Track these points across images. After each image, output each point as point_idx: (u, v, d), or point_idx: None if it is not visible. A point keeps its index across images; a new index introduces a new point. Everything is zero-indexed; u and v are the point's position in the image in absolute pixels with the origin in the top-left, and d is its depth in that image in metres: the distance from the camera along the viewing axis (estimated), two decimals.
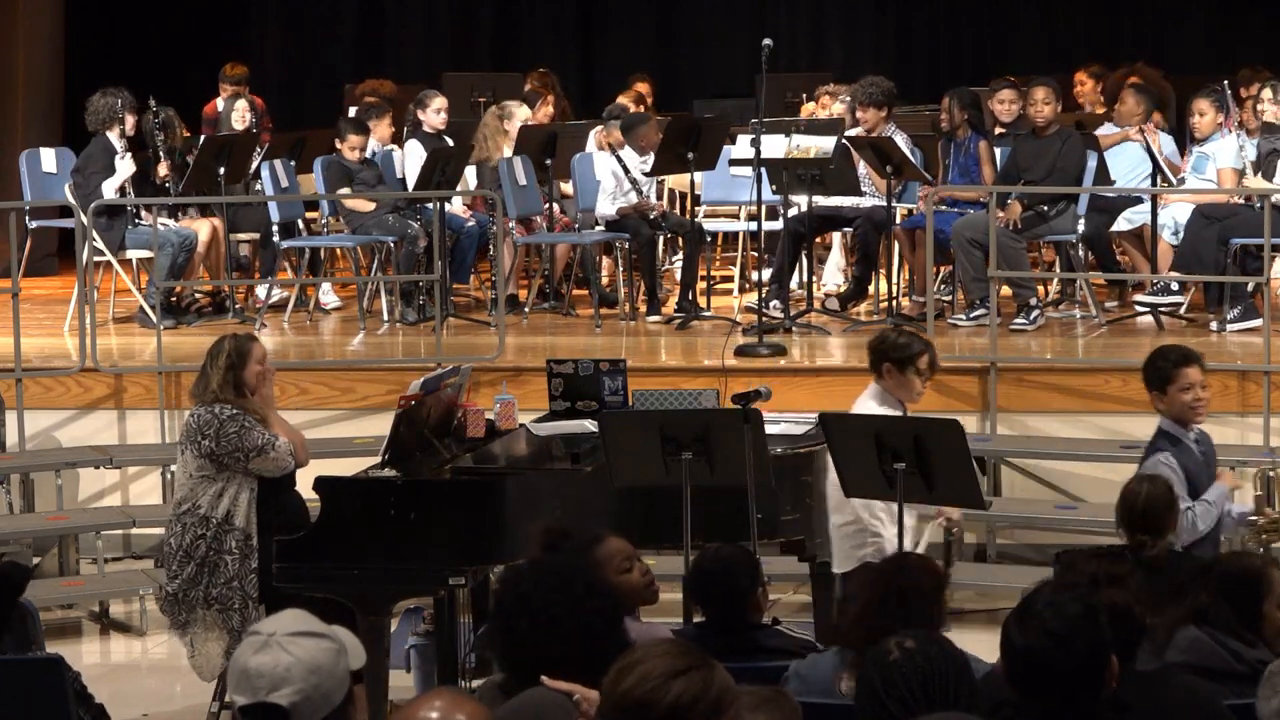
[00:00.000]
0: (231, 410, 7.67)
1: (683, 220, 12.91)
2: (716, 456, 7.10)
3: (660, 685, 3.77)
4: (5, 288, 11.17)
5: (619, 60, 18.28)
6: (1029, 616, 4.33)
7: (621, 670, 3.82)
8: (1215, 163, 11.84)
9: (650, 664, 3.82)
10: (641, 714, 3.76)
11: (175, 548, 7.66)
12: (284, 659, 3.56)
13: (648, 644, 3.91)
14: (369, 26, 19.43)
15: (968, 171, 12.33)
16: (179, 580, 7.62)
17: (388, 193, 12.63)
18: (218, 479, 7.64)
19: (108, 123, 12.24)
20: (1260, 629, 5.45)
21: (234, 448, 7.60)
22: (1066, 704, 4.28)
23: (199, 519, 7.61)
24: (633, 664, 3.82)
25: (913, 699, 4.19)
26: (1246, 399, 10.14)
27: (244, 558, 7.59)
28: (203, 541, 7.59)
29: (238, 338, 7.95)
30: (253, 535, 7.61)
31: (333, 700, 3.59)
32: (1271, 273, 10.85)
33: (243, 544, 7.59)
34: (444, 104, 13.39)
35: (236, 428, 7.63)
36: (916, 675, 4.22)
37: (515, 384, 9.74)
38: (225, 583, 7.57)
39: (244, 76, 15.09)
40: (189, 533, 7.61)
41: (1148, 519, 6.46)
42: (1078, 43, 18.45)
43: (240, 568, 7.58)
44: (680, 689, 3.78)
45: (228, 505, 7.62)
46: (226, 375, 7.76)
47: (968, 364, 10.60)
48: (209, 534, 7.59)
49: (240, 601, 7.55)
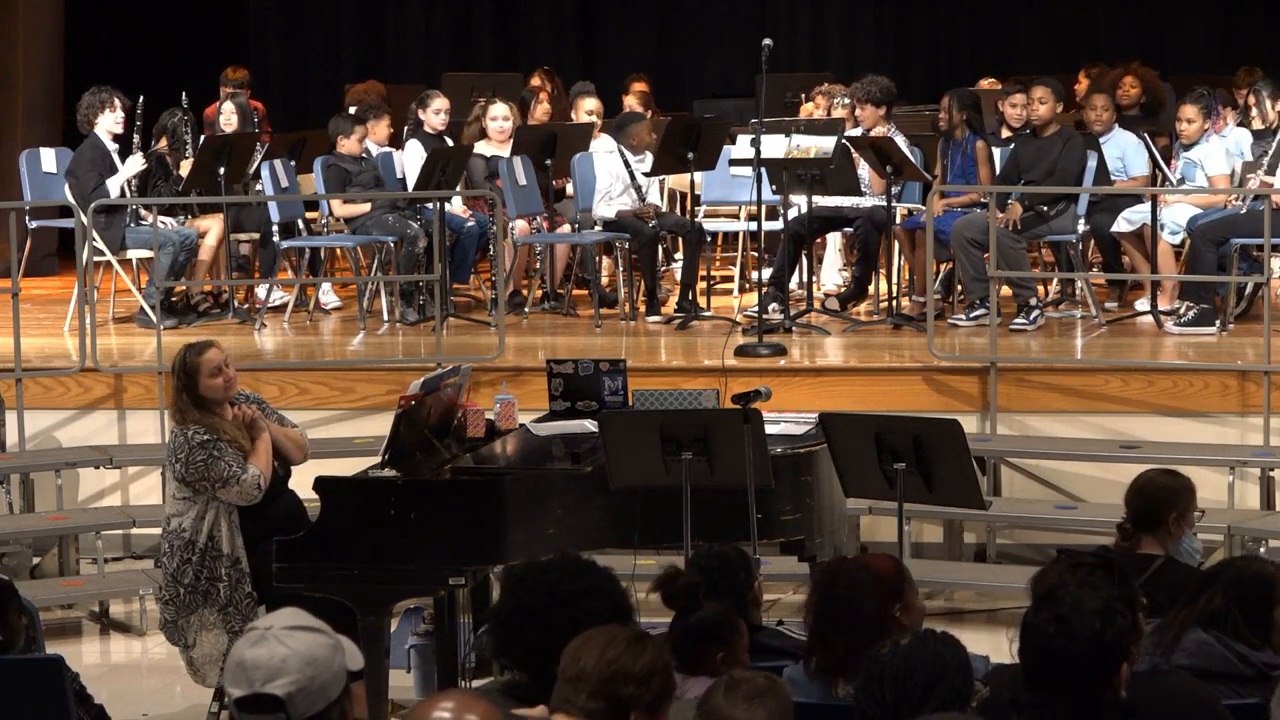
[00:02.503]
0: (203, 436, 7.50)
1: (682, 220, 12.92)
2: (716, 456, 7.11)
3: (628, 652, 3.82)
4: (5, 288, 11.17)
5: (619, 60, 18.27)
6: (1047, 602, 4.35)
7: (581, 649, 3.85)
8: (1205, 170, 11.83)
9: (607, 638, 3.87)
10: (615, 683, 3.79)
11: (166, 570, 7.64)
12: (280, 650, 3.58)
13: (591, 631, 3.95)
14: (369, 26, 19.43)
15: (965, 172, 12.33)
16: (172, 607, 7.58)
17: (388, 193, 12.63)
18: (196, 501, 7.54)
19: (91, 121, 12.24)
20: (1269, 635, 5.44)
21: (200, 476, 7.48)
22: (1076, 699, 4.29)
23: (184, 543, 7.51)
24: (589, 642, 3.86)
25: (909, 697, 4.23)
26: (1246, 399, 10.15)
27: (236, 584, 7.51)
28: (189, 566, 7.50)
29: (187, 350, 7.68)
30: (241, 559, 7.52)
31: (329, 694, 3.60)
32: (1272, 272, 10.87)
33: (231, 569, 7.51)
34: (445, 105, 13.39)
35: (204, 456, 7.47)
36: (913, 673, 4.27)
37: (515, 384, 9.74)
38: (220, 609, 7.53)
39: (245, 80, 15.10)
40: (175, 556, 7.55)
41: (1146, 502, 6.35)
42: (1078, 43, 18.45)
43: (234, 594, 7.52)
44: (651, 657, 3.83)
45: (209, 529, 7.50)
46: (180, 397, 7.61)
47: (968, 364, 10.60)
48: (194, 559, 7.49)
49: (239, 624, 7.49)
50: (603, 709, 3.90)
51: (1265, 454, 9.87)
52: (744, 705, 4.15)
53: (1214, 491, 9.76)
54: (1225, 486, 9.76)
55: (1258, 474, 9.83)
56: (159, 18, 17.75)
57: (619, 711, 3.92)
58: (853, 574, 5.25)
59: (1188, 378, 10.31)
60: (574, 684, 3.91)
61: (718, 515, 7.16)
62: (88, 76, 13.44)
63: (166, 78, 13.74)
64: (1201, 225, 11.42)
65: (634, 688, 3.92)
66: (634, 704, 3.93)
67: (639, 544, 7.46)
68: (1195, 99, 12.03)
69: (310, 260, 12.85)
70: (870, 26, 19.46)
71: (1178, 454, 9.92)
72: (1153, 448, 9.93)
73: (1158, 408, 10.26)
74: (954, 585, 9.63)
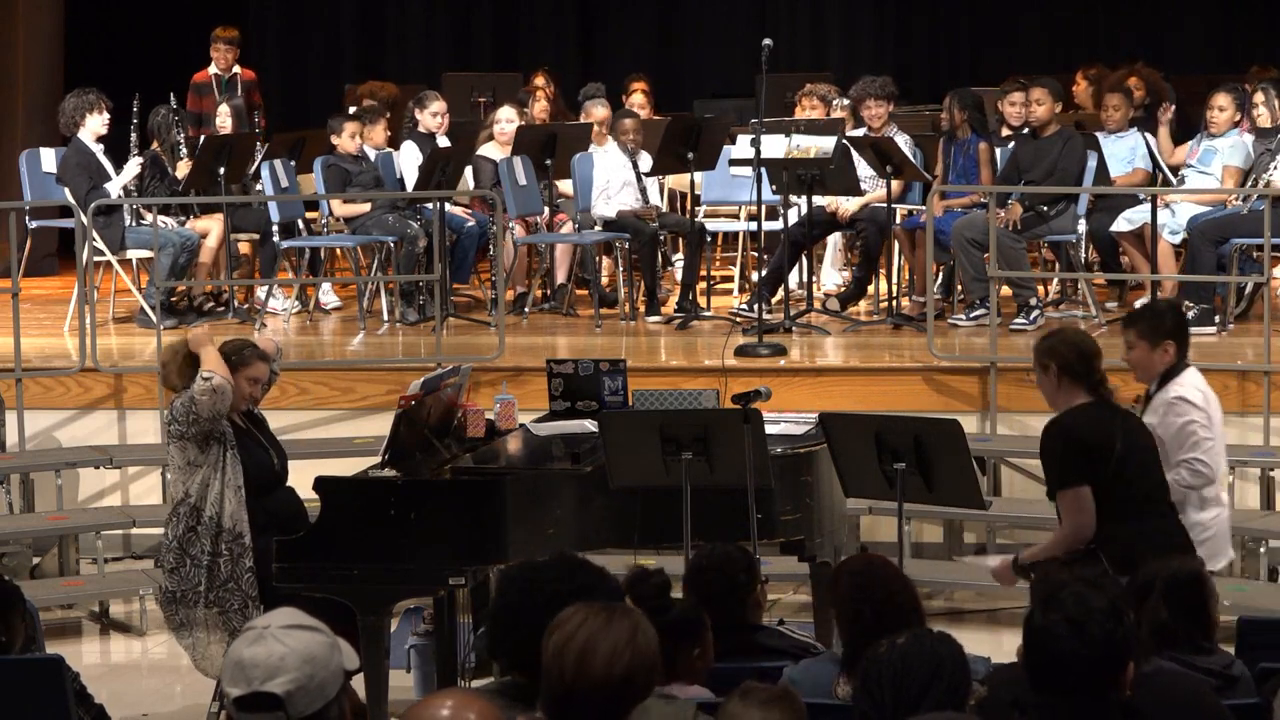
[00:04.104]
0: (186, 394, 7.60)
1: (682, 220, 12.92)
2: (716, 456, 7.11)
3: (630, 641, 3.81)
4: (5, 288, 11.18)
5: (619, 60, 18.27)
6: (1053, 604, 4.35)
7: (566, 633, 3.81)
8: (1222, 158, 11.82)
9: (592, 619, 3.85)
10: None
11: (170, 539, 7.63)
12: (278, 649, 3.58)
13: (568, 612, 3.92)
14: (369, 26, 19.43)
15: (967, 173, 12.33)
16: (175, 576, 7.57)
17: (388, 193, 12.63)
18: (201, 464, 7.54)
19: (75, 124, 12.24)
20: (1211, 631, 5.42)
21: (183, 413, 7.49)
22: (1082, 698, 4.28)
23: (190, 509, 7.51)
24: (569, 623, 3.83)
25: (908, 697, 4.24)
26: (1246, 399, 10.15)
27: (237, 559, 7.51)
28: (194, 535, 7.51)
29: (246, 345, 7.83)
30: (244, 535, 7.50)
31: (327, 693, 3.60)
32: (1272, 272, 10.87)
33: (233, 545, 7.50)
34: (443, 108, 13.39)
35: (184, 399, 7.51)
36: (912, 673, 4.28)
37: (515, 384, 9.74)
38: (222, 585, 7.51)
39: (236, 39, 15.08)
40: (181, 523, 7.55)
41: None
42: (1078, 43, 18.44)
43: (235, 569, 7.51)
44: (648, 637, 3.83)
45: (215, 500, 7.52)
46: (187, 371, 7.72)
47: (968, 364, 10.60)
48: (200, 525, 7.49)
49: (240, 602, 7.50)
50: None
51: (1265, 454, 9.88)
52: (759, 710, 4.16)
53: None
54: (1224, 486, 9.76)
55: (1258, 474, 9.83)
56: (159, 18, 17.75)
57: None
58: (883, 571, 5.35)
59: None
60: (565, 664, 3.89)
61: (718, 515, 7.17)
62: (88, 76, 13.44)
63: (166, 78, 13.73)
64: (1201, 225, 11.41)
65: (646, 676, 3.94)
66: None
67: (639, 544, 7.46)
68: (1230, 89, 12.04)
69: (310, 260, 12.85)
70: (870, 26, 19.46)
71: None
72: None
73: None
74: (954, 585, 9.62)
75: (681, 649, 5.15)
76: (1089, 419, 6.63)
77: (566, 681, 3.85)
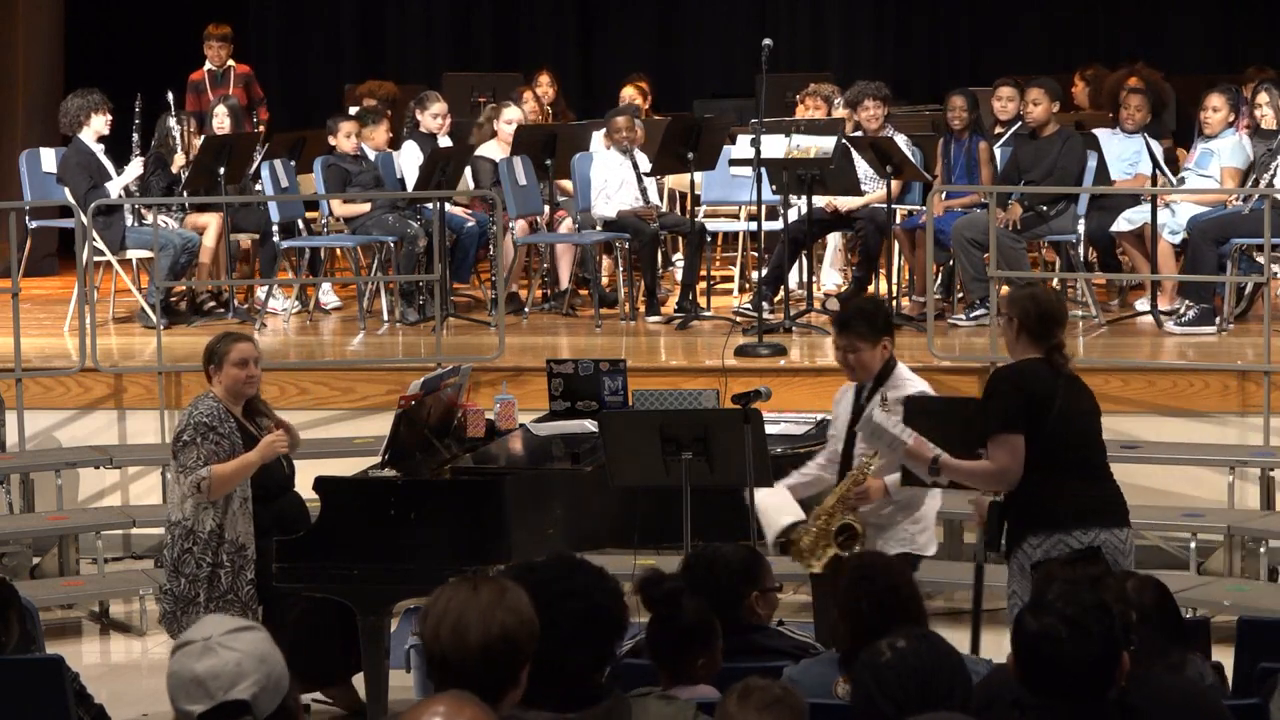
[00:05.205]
0: (205, 419, 7.46)
1: (682, 220, 12.92)
2: (716, 456, 7.11)
3: (515, 612, 3.75)
4: (5, 288, 11.17)
5: (619, 60, 18.25)
6: (1043, 606, 4.34)
7: (436, 613, 3.75)
8: (1219, 159, 11.83)
9: (458, 592, 3.79)
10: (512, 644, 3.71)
11: (167, 560, 7.63)
12: (232, 656, 3.54)
13: (435, 593, 3.86)
14: (369, 26, 19.42)
15: (968, 172, 12.33)
16: (172, 596, 7.57)
17: (388, 193, 12.63)
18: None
19: (78, 124, 12.24)
20: (1182, 633, 5.41)
21: (176, 450, 7.48)
22: (1077, 698, 4.28)
23: (185, 532, 7.48)
24: (438, 603, 3.76)
25: (906, 698, 4.23)
26: (1246, 399, 10.15)
27: (239, 571, 7.48)
28: (189, 556, 7.46)
29: (223, 335, 7.83)
30: (248, 547, 7.46)
31: (282, 687, 3.58)
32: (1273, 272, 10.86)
33: (235, 556, 7.47)
34: (443, 109, 13.39)
35: (190, 435, 7.43)
36: (910, 674, 4.26)
37: (515, 384, 9.74)
38: (221, 595, 7.50)
39: (228, 35, 15.06)
40: (176, 545, 7.52)
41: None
42: (1077, 43, 18.44)
43: (235, 580, 7.49)
44: (517, 596, 3.77)
45: (215, 517, 7.48)
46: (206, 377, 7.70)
47: (968, 364, 10.60)
48: (195, 548, 7.45)
49: (238, 612, 7.48)
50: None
51: (1265, 454, 9.87)
52: (756, 713, 4.15)
53: (1214, 491, 9.78)
54: (1225, 486, 9.76)
55: (1257, 474, 9.82)
56: (159, 18, 17.74)
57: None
58: (886, 563, 5.37)
59: (1188, 378, 10.31)
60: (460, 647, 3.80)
61: (718, 515, 7.17)
62: (88, 76, 13.44)
63: (166, 78, 13.72)
64: (1201, 225, 11.42)
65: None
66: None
67: (639, 544, 7.47)
68: (1224, 90, 12.04)
69: (310, 260, 12.85)
70: (870, 26, 19.45)
71: (1177, 454, 9.94)
72: (1153, 447, 9.93)
73: (1158, 408, 10.26)
74: (954, 585, 9.61)
75: (688, 656, 5.13)
76: (1036, 374, 6.74)
77: (450, 658, 3.74)
